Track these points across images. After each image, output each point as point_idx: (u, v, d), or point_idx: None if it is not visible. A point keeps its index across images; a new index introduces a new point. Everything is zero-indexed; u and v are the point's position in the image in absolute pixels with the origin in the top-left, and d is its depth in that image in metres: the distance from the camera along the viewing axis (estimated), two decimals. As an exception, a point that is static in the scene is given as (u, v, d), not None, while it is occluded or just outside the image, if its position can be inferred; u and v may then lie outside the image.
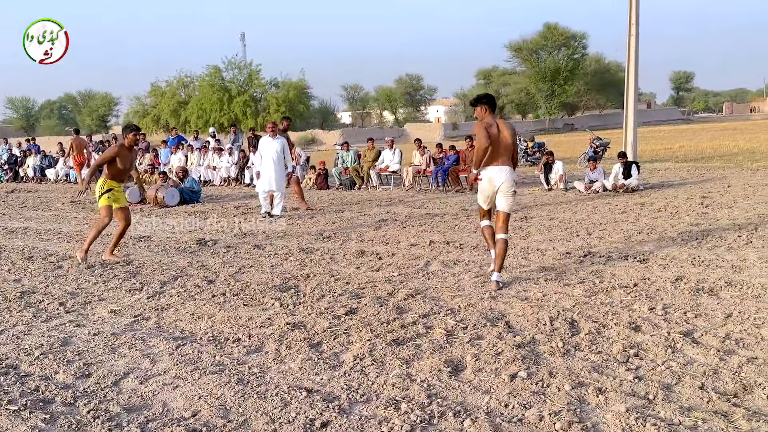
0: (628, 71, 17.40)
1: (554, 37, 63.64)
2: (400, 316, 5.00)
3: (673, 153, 22.83)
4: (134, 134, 7.95)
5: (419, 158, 15.63)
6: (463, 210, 11.14)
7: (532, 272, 6.37)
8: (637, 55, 17.13)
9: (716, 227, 8.28)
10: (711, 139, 30.20)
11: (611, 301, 5.20)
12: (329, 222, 10.38)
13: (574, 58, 64.91)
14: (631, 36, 16.86)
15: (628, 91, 17.53)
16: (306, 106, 61.97)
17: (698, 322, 4.55)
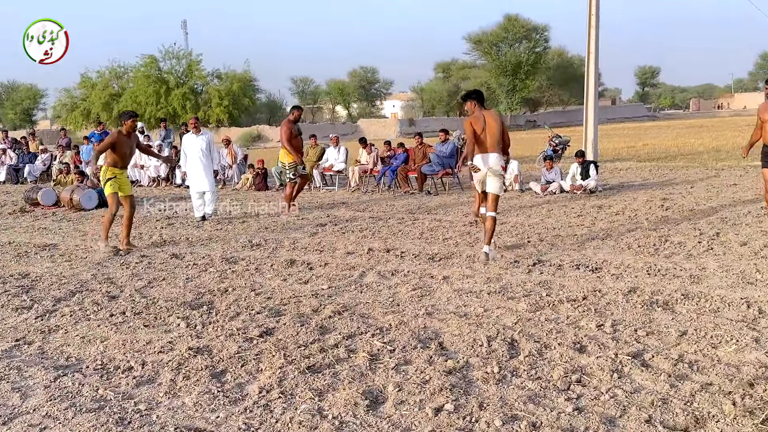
0: (588, 65, 17.46)
1: (515, 30, 64.23)
2: (321, 337, 4.69)
3: (636, 152, 23.08)
4: (132, 120, 8.51)
5: (366, 157, 15.36)
6: (410, 213, 10.90)
7: (476, 284, 6.14)
8: (597, 48, 17.20)
9: (676, 232, 8.21)
10: (676, 137, 30.75)
11: (557, 317, 4.99)
12: (261, 227, 10.01)
13: (535, 51, 65.63)
14: (591, 28, 16.91)
15: (588, 86, 17.59)
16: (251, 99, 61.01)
17: (650, 342, 4.36)
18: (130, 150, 8.63)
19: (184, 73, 55.39)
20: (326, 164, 15.60)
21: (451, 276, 6.46)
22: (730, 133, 32.58)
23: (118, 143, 8.46)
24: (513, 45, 65.57)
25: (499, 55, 65.47)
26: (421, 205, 12.11)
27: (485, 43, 66.65)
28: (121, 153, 8.50)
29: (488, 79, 67.47)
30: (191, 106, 53.85)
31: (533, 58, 64.95)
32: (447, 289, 5.95)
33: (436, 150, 14.07)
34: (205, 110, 54.63)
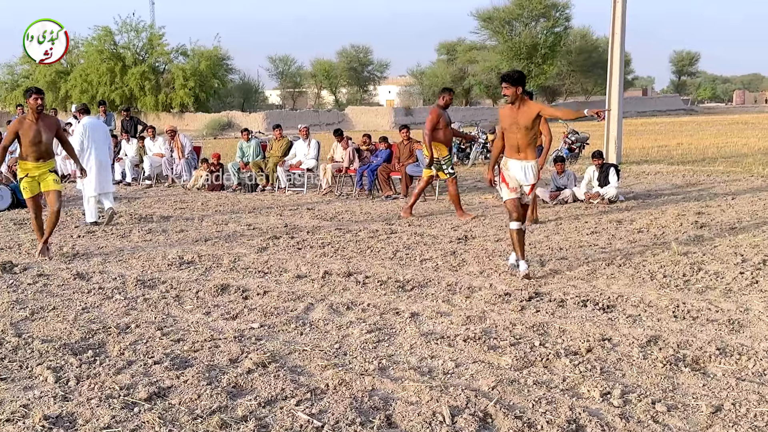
0: (612, 48, 16.85)
1: (531, 6, 63.64)
2: (229, 403, 4.01)
3: (668, 152, 22.48)
4: (35, 98, 7.99)
5: (341, 153, 14.69)
6: (387, 224, 10.24)
7: (451, 325, 5.48)
8: (624, 28, 16.59)
9: (712, 258, 7.56)
10: (716, 136, 30.20)
11: (550, 378, 4.32)
12: (200, 239, 9.34)
13: (555, 31, 65.08)
14: (616, 2, 16.29)
15: (612, 73, 16.98)
16: (222, 81, 60.60)
17: (672, 421, 3.69)
18: (43, 138, 8.09)
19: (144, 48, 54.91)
20: (293, 161, 14.92)
21: (421, 313, 5.81)
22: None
23: (23, 131, 8.02)
24: (528, 24, 65.04)
25: (513, 36, 64.91)
26: (404, 213, 11.45)
27: (496, 20, 66.08)
28: (29, 142, 8.03)
29: (499, 62, 66.83)
30: (151, 88, 53.42)
31: (552, 40, 64.41)
32: (413, 332, 5.29)
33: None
34: (167, 92, 54.20)
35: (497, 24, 66.35)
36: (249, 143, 15.56)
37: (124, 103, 50.16)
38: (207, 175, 15.44)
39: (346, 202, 12.98)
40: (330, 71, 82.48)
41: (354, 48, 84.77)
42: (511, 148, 7.04)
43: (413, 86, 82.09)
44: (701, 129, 37.04)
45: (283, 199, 13.74)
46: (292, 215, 11.47)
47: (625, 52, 17.30)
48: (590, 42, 72.61)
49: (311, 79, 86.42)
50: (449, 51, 77.71)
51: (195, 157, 16.45)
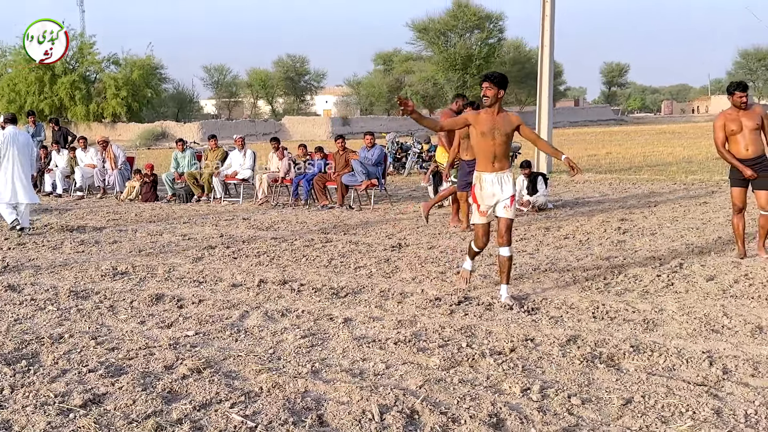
0: (541, 59, 17.37)
1: (466, 17, 64.76)
2: (164, 407, 4.12)
3: (597, 161, 23.20)
4: None
5: (277, 163, 14.80)
6: (323, 233, 10.40)
7: (383, 329, 5.67)
8: (552, 40, 17.13)
9: (632, 262, 7.94)
10: (643, 145, 31.24)
11: (475, 377, 4.55)
12: (134, 250, 9.35)
13: (489, 43, 66.36)
14: (545, 16, 16.82)
15: (542, 85, 17.50)
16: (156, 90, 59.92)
17: (585, 413, 3.95)
18: None
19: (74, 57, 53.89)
20: (229, 171, 14.96)
21: (354, 318, 5.99)
22: (705, 141, 33.24)
23: None
24: (463, 35, 66.16)
25: (448, 46, 65.93)
26: (339, 222, 11.65)
27: (432, 31, 67.00)
28: None
29: (435, 73, 67.82)
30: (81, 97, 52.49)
31: (486, 51, 65.64)
32: (346, 337, 5.46)
33: (360, 156, 13.63)
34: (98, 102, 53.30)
35: (432, 35, 67.25)
36: (184, 153, 15.54)
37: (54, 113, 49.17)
38: (140, 186, 15.35)
39: (282, 212, 13.09)
40: (266, 81, 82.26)
41: (290, 57, 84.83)
42: (486, 158, 6.40)
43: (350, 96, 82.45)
44: (630, 138, 38.22)
45: (219, 209, 13.78)
46: (228, 225, 11.54)
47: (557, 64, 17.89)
48: (523, 53, 74.11)
49: (247, 89, 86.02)
50: (386, 61, 78.37)
51: (128, 168, 16.35)
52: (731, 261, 7.84)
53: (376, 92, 76.29)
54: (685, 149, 27.77)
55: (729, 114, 7.96)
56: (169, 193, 15.28)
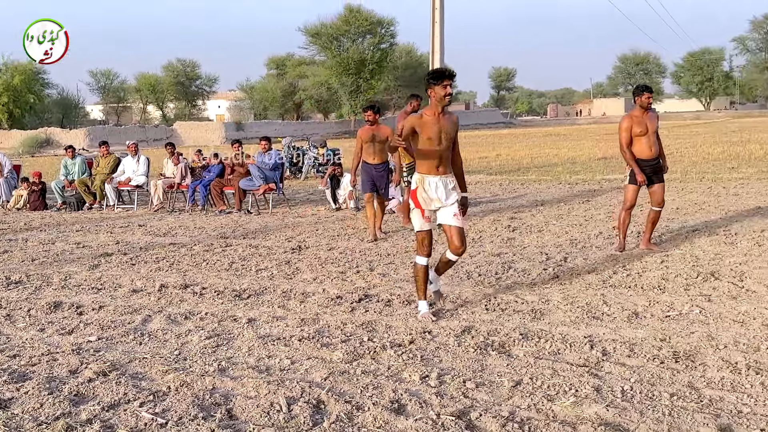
0: (432, 64, 17.87)
1: (358, 23, 65.37)
2: (73, 409, 4.17)
3: (488, 163, 23.98)
4: None
5: (172, 168, 14.68)
6: (222, 238, 10.45)
7: (287, 327, 5.85)
8: (442, 46, 17.65)
9: (521, 258, 8.39)
10: (531, 147, 32.41)
11: (377, 368, 4.80)
12: (26, 259, 9.15)
13: (381, 48, 67.17)
14: (435, 23, 17.32)
15: (434, 89, 17.97)
16: (38, 96, 57.72)
17: (479, 395, 4.25)
18: None
19: (-50, 61, 51.26)
20: (122, 178, 14.73)
21: (258, 318, 6.14)
22: (588, 143, 34.89)
23: None
24: (356, 40, 66.75)
25: (341, 51, 66.34)
26: (238, 226, 11.71)
27: (324, 36, 67.30)
28: None
29: (329, 77, 68.12)
30: (-42, 103, 49.90)
31: (379, 56, 66.43)
32: (250, 336, 5.61)
33: (256, 161, 13.71)
34: (-25, 108, 50.82)
35: (325, 39, 67.52)
36: (74, 160, 15.21)
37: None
38: (28, 194, 14.91)
39: (179, 218, 13.02)
40: (156, 86, 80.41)
41: (180, 62, 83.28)
42: (430, 163, 5.89)
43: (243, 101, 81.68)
44: (518, 141, 39.55)
45: (113, 216, 13.57)
46: (124, 232, 11.41)
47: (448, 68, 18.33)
48: (415, 58, 75.42)
49: (136, 94, 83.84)
50: (279, 66, 78.09)
51: (14, 176, 15.83)
52: (610, 254, 8.40)
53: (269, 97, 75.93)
54: (569, 151, 29.00)
55: (636, 116, 8.44)
56: (59, 201, 14.91)
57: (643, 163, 8.39)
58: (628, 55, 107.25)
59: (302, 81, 73.38)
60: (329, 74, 67.59)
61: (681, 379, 4.42)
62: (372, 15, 66.40)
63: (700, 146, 27.66)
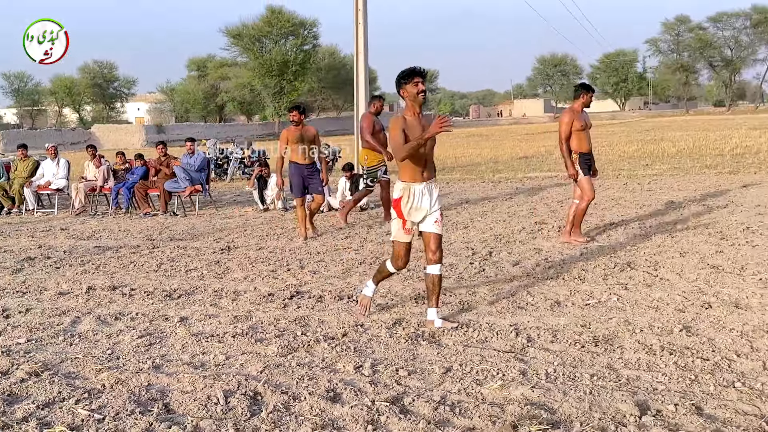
0: (356, 66, 18.02)
1: (280, 24, 65.10)
2: (7, 409, 4.15)
3: (413, 163, 24.23)
4: None
5: (93, 171, 14.43)
6: (149, 240, 10.36)
7: (220, 325, 5.90)
8: (366, 48, 17.82)
9: (448, 253, 8.59)
10: (455, 147, 32.90)
11: (311, 360, 4.92)
12: (-55, 265, 8.91)
13: (304, 49, 67.02)
14: (358, 24, 17.48)
15: (358, 90, 18.15)
16: (-54, 98, 55.44)
17: (411, 382, 4.42)
18: None
19: None
20: (42, 181, 14.40)
21: (190, 317, 6.17)
22: (509, 142, 35.67)
23: None
24: (278, 41, 66.43)
25: (263, 53, 65.94)
26: (164, 228, 11.62)
27: (246, 37, 66.75)
28: None
29: (252, 79, 67.61)
30: None
31: (302, 57, 66.28)
32: (183, 334, 5.65)
33: (182, 163, 13.61)
34: None
35: (247, 41, 66.99)
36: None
37: None
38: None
39: (102, 221, 12.83)
40: (72, 88, 78.26)
41: (97, 63, 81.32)
42: (416, 169, 5.52)
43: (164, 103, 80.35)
44: (442, 141, 39.87)
45: (33, 220, 13.26)
46: (46, 236, 11.18)
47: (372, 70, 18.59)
48: (338, 60, 75.54)
49: (51, 97, 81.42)
50: (200, 67, 77.10)
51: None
52: (533, 247, 8.71)
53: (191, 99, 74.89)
54: (491, 150, 29.59)
55: (576, 112, 8.84)
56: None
57: (584, 156, 8.79)
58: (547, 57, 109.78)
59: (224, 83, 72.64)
60: (252, 76, 67.08)
61: (600, 361, 4.69)
62: (294, 16, 66.29)
63: (616, 145, 28.60)
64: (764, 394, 4.01)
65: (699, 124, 48.45)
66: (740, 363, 4.53)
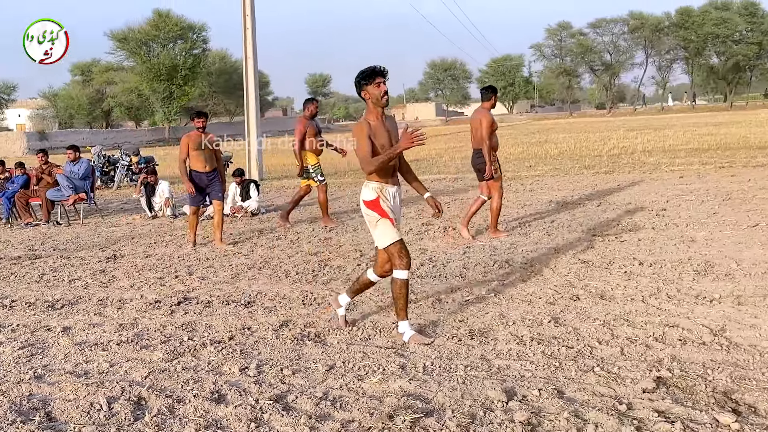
0: (246, 71, 18.01)
1: (167, 28, 63.84)
2: None
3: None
4: None
5: (-30, 181, 13.88)
6: (30, 251, 10.09)
7: (104, 333, 5.88)
8: (255, 53, 17.83)
9: (337, 256, 8.79)
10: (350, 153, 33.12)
11: (197, 364, 4.99)
12: None
13: (193, 53, 65.96)
14: (246, 29, 17.47)
15: (248, 95, 18.16)
16: None
17: (295, 381, 4.56)
18: None
19: None
20: None
21: (73, 326, 6.11)
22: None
23: None
24: (166, 45, 65.10)
25: (151, 57, 64.49)
26: (47, 238, 11.33)
27: (132, 41, 65.09)
28: None
29: (139, 83, 66.00)
30: None
31: (191, 61, 65.20)
32: (66, 344, 5.60)
33: (65, 171, 13.27)
34: None
35: (134, 45, 65.35)
36: None
37: None
38: None
39: (-20, 233, 12.36)
40: (-57, 94, 74.34)
41: (-27, 68, 77.35)
42: (387, 171, 5.32)
43: (47, 109, 77.27)
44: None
45: None
46: None
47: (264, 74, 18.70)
48: (229, 64, 74.70)
49: None
50: (84, 72, 74.60)
51: None
52: (419, 247, 8.99)
53: (75, 104, 72.43)
54: (384, 154, 29.98)
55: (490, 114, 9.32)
56: None
57: (493, 156, 9.32)
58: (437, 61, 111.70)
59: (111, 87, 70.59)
60: (139, 80, 65.47)
61: (475, 352, 4.96)
62: (182, 20, 65.07)
63: (503, 147, 29.39)
64: (620, 377, 4.36)
65: (581, 126, 50.48)
66: (601, 349, 4.90)
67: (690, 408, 3.84)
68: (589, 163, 19.82)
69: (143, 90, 65.98)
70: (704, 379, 4.25)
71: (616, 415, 3.78)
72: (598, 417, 3.77)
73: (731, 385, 4.16)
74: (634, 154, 22.03)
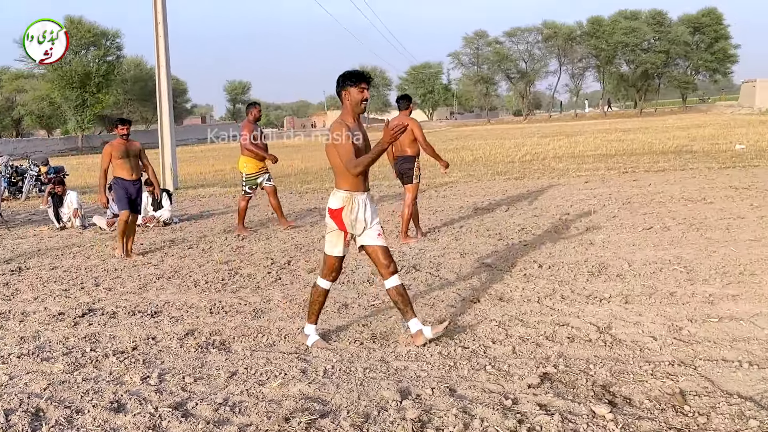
0: (159, 79, 17.83)
1: (80, 34, 62.32)
2: None
3: (223, 176, 24.22)
4: None
5: None
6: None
7: (5, 346, 5.81)
8: (168, 61, 17.68)
9: (248, 264, 8.83)
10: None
11: (98, 374, 4.99)
12: None
13: (107, 60, 64.57)
14: (159, 37, 17.31)
15: (162, 104, 17.99)
16: None
17: (197, 388, 4.62)
18: None
19: None
20: None
21: (-27, 341, 6.00)
22: (319, 153, 36.20)
23: None
24: (78, 52, 63.49)
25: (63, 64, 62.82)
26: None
27: (44, 48, 63.29)
28: None
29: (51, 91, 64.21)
30: None
31: (105, 68, 63.80)
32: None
33: (-32, 182, 12.89)
34: None
35: (44, 51, 63.51)
36: None
37: None
38: None
39: None
40: None
41: None
42: (358, 178, 5.29)
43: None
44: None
45: None
46: None
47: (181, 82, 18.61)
48: (145, 71, 73.46)
49: None
50: (-11, 79, 72.14)
51: None
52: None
53: (-18, 113, 69.92)
54: (302, 162, 30.00)
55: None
56: None
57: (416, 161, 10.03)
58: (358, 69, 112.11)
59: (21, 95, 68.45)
60: (51, 88, 63.67)
61: (375, 355, 5.12)
62: (95, 27, 63.61)
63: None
64: (509, 374, 4.58)
65: (498, 133, 51.53)
66: (494, 349, 5.12)
67: (570, 401, 4.08)
68: (501, 170, 20.30)
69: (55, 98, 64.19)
70: (586, 374, 4.51)
71: (501, 410, 3.99)
72: (484, 412, 3.97)
73: (610, 378, 4.43)
74: (545, 160, 22.66)
